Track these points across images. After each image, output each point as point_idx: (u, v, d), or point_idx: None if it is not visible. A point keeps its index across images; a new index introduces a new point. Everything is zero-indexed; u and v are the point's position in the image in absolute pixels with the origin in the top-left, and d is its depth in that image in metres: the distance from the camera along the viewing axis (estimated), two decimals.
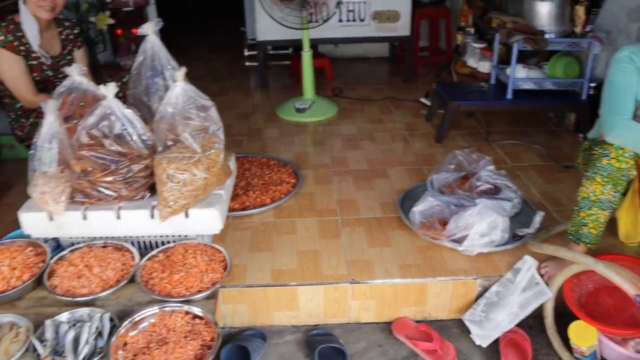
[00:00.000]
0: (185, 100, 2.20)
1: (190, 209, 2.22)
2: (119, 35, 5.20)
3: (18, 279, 2.11)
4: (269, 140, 3.77)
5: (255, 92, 4.86)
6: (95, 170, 2.19)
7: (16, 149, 3.50)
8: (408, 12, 4.61)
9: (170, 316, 1.94)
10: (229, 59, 5.90)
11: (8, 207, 3.03)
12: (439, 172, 2.92)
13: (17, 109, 3.05)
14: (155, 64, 2.39)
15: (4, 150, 3.55)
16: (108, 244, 2.27)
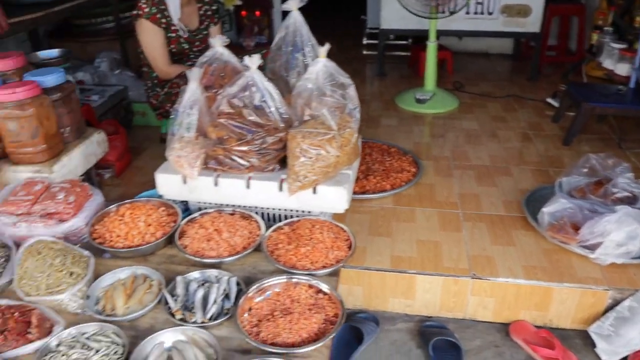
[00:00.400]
0: (325, 77, 2.21)
1: (319, 186, 2.23)
2: (244, 17, 5.34)
3: (152, 235, 2.20)
4: (387, 128, 3.73)
5: (373, 81, 4.84)
6: (231, 139, 2.24)
7: (147, 116, 3.68)
8: (540, 7, 4.40)
9: (295, 287, 1.95)
10: (347, 47, 5.90)
11: (138, 169, 3.20)
12: (569, 174, 2.77)
13: (154, 78, 3.20)
14: (297, 40, 2.41)
15: (136, 117, 3.74)
16: (236, 212, 2.32)
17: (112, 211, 2.33)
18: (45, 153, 2.48)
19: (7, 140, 2.45)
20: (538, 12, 4.41)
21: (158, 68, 3.07)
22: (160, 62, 3.05)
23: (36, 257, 2.03)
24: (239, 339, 1.79)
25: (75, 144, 2.66)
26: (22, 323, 1.84)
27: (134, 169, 3.19)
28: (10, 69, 2.61)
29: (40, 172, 2.48)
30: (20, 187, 2.34)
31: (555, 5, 4.64)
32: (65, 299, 1.92)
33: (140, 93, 3.67)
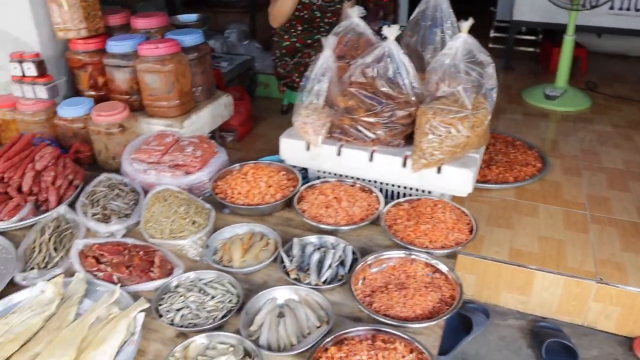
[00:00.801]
0: (464, 53, 2.12)
1: (444, 165, 2.15)
2: (370, 1, 5.31)
3: (272, 197, 2.22)
4: (512, 122, 3.58)
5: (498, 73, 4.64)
6: (360, 109, 2.22)
7: (270, 88, 3.75)
8: None
9: (412, 264, 1.90)
10: None
11: (258, 136, 3.27)
12: None
13: (282, 48, 3.24)
14: (437, 15, 2.34)
15: (259, 87, 3.82)
16: (356, 184, 2.30)
17: (236, 169, 2.38)
18: (178, 108, 2.58)
19: (145, 93, 2.57)
20: None
21: (273, 17, 3.11)
22: (283, 13, 3.08)
23: (162, 203, 2.11)
24: (351, 306, 1.76)
25: (205, 104, 2.75)
26: (146, 262, 1.92)
27: (255, 135, 3.26)
28: (153, 27, 2.74)
29: (172, 126, 2.58)
30: (153, 138, 2.45)
31: None
32: (187, 245, 1.98)
33: (265, 65, 3.75)
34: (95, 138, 2.50)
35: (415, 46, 2.41)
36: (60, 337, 1.63)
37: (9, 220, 2.14)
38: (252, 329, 1.67)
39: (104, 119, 2.45)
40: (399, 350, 1.55)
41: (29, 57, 2.55)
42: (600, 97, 4.03)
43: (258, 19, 4.24)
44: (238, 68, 3.52)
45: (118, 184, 2.31)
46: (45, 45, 2.71)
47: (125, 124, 2.49)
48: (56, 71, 2.75)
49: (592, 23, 4.14)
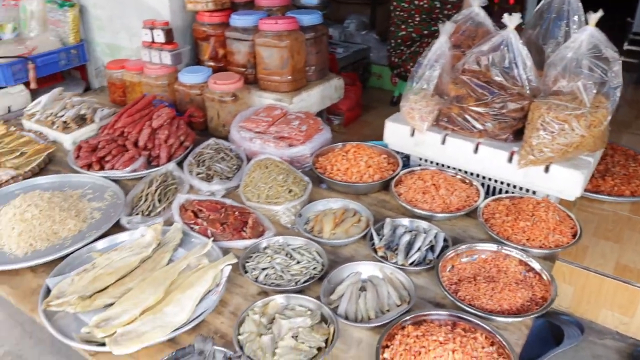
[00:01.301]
0: (588, 48, 2.00)
1: (553, 165, 2.04)
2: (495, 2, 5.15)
3: (370, 177, 2.22)
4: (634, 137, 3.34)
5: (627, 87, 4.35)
6: (470, 98, 2.16)
7: (383, 79, 3.74)
8: None
9: (504, 259, 1.82)
10: None
11: (365, 124, 3.28)
12: None
13: (398, 37, 3.23)
14: (563, 7, 2.22)
15: (372, 78, 3.83)
16: (457, 175, 2.23)
17: (338, 147, 2.40)
18: (290, 84, 2.65)
19: (260, 67, 2.66)
20: None
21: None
22: None
23: (263, 170, 2.17)
24: (435, 291, 1.72)
25: (316, 84, 2.80)
26: (240, 222, 1.98)
27: (361, 122, 3.27)
28: (275, 5, 2.83)
29: (281, 100, 2.64)
30: (262, 110, 2.53)
31: None
32: (280, 211, 2.02)
33: (380, 56, 3.75)
34: (209, 105, 2.62)
35: (536, 39, 2.30)
36: (153, 277, 1.73)
37: (123, 170, 2.29)
38: (332, 297, 1.67)
39: (219, 87, 2.56)
40: (479, 340, 1.49)
41: (160, 24, 2.71)
42: None
43: (378, 10, 4.25)
44: (353, 55, 3.55)
45: (224, 148, 2.41)
46: (175, 15, 2.87)
47: (238, 94, 2.58)
48: (182, 40, 2.91)
49: None
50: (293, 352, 1.46)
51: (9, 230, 1.94)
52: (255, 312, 1.59)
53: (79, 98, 2.78)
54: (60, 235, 1.95)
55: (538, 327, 2.10)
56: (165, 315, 1.59)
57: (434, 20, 3.17)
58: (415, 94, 2.30)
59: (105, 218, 2.06)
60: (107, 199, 2.18)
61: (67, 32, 3.19)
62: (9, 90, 2.96)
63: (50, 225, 1.96)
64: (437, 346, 1.43)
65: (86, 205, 2.13)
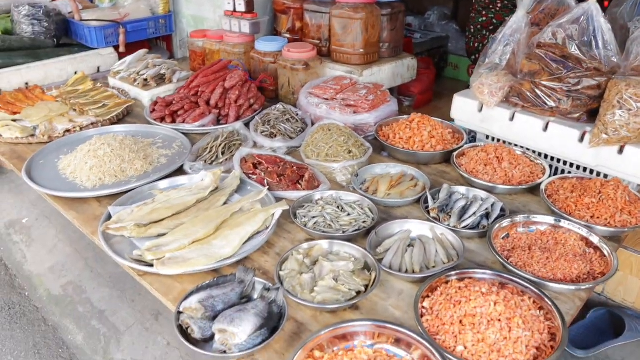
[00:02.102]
0: None
1: (629, 145, 1.93)
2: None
3: (432, 147, 2.19)
4: None
5: None
6: (544, 73, 2.08)
7: (459, 70, 3.68)
8: None
9: (565, 233, 1.73)
10: None
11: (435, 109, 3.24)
12: None
13: (478, 23, 3.17)
14: None
15: (448, 68, 3.77)
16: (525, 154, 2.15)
17: (402, 119, 2.38)
18: (362, 57, 2.66)
19: (334, 39, 2.69)
20: None
21: None
22: None
23: (325, 132, 2.18)
24: (485, 256, 1.67)
25: (389, 60, 2.79)
26: (297, 175, 2.00)
27: (432, 107, 3.23)
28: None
29: (352, 73, 2.66)
30: (332, 79, 2.55)
31: None
32: (337, 168, 2.03)
33: (458, 47, 3.70)
34: (281, 72, 2.67)
35: (620, 18, 2.20)
36: (206, 215, 1.78)
37: (192, 124, 2.38)
38: (379, 250, 1.66)
39: (292, 55, 2.60)
40: (525, 302, 1.42)
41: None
42: None
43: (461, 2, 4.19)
44: (430, 42, 3.52)
45: (291, 112, 2.44)
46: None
47: (310, 63, 2.62)
48: (262, 11, 3.00)
49: None
50: (331, 292, 1.46)
51: (82, 164, 2.06)
52: (299, 253, 1.60)
53: (161, 60, 2.91)
54: (127, 174, 2.05)
55: (598, 316, 1.99)
56: (212, 247, 1.64)
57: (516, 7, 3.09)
58: (486, 68, 2.25)
59: (171, 163, 2.15)
60: (175, 148, 2.27)
61: (157, 3, 3.36)
62: (100, 51, 3.14)
63: (120, 164, 2.07)
64: (478, 296, 1.38)
65: (155, 152, 2.22)
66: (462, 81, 3.59)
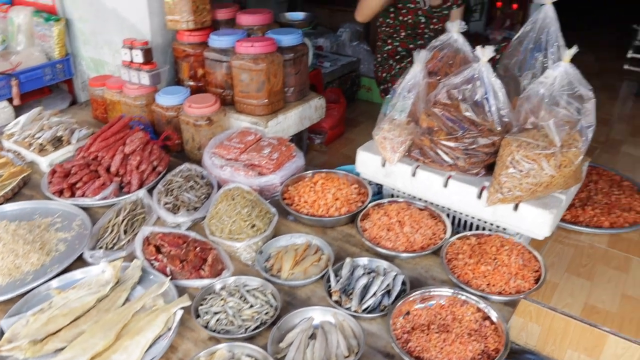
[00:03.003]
0: (562, 84, 1.94)
1: (522, 203, 2.00)
2: (498, 7, 5.05)
3: (336, 210, 2.19)
4: (626, 158, 3.24)
5: (626, 100, 4.24)
6: (441, 131, 2.11)
7: (372, 92, 3.69)
8: None
9: (462, 306, 1.79)
10: (603, 56, 5.29)
11: (348, 141, 3.24)
12: None
13: (385, 52, 3.18)
14: (541, 38, 2.16)
15: (361, 90, 3.78)
16: (426, 208, 2.21)
17: (308, 177, 2.37)
18: (266, 107, 2.62)
19: (237, 89, 2.64)
20: None
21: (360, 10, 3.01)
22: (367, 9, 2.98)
23: (229, 202, 2.15)
24: (386, 339, 1.70)
25: (295, 105, 2.77)
26: (199, 259, 1.97)
27: (344, 140, 3.23)
28: (256, 24, 2.79)
29: (257, 124, 2.62)
30: (236, 135, 2.51)
31: None
32: (241, 248, 2.01)
33: (371, 68, 3.71)
34: (184, 127, 2.60)
35: (513, 69, 2.25)
36: (106, 320, 1.73)
37: (93, 197, 2.30)
38: (281, 345, 1.66)
39: (194, 111, 2.54)
40: None
41: (139, 44, 2.70)
42: None
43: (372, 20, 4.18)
44: (341, 69, 3.50)
45: (195, 175, 2.40)
46: (156, 34, 2.86)
47: (213, 118, 2.56)
48: (162, 58, 2.90)
49: None
50: None
51: None
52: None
53: (57, 118, 2.78)
54: (23, 270, 1.96)
55: None
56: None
57: (419, 35, 3.12)
58: (388, 122, 2.26)
59: (70, 251, 2.06)
60: (75, 228, 2.19)
61: (52, 47, 3.19)
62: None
63: (13, 260, 1.97)
64: None
65: (52, 236, 2.13)
66: (375, 103, 3.61)
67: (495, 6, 5.04)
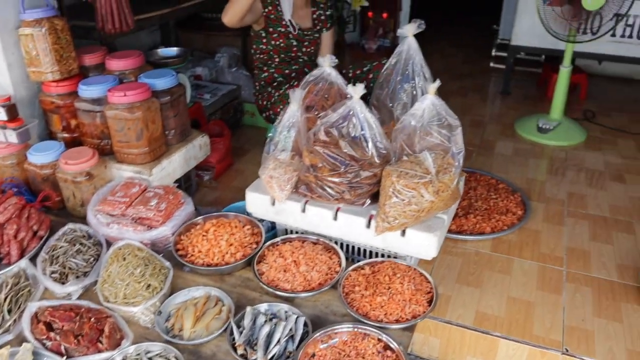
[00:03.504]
0: (431, 116, 2.06)
1: (408, 229, 2.10)
2: (370, 17, 5.23)
3: (232, 256, 2.19)
4: (500, 158, 3.48)
5: (495, 99, 4.54)
6: (324, 168, 2.17)
7: (256, 117, 3.70)
8: None
9: (363, 339, 1.85)
10: (471, 56, 5.61)
11: (238, 173, 3.22)
12: None
13: (262, 79, 3.20)
14: (408, 69, 2.27)
15: (245, 116, 3.78)
16: (319, 242, 2.26)
17: (199, 224, 2.35)
18: (147, 155, 2.55)
19: (114, 139, 2.55)
20: None
21: (227, 15, 2.88)
22: (232, 13, 2.85)
23: (121, 263, 2.09)
24: None
25: (178, 147, 2.72)
26: (96, 330, 1.90)
27: (234, 172, 3.21)
28: (127, 69, 2.70)
29: (141, 173, 2.55)
30: (120, 188, 2.43)
31: None
32: (138, 312, 1.95)
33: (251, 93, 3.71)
34: (63, 185, 2.49)
35: (385, 100, 2.35)
36: None
37: None
38: None
39: (71, 168, 2.43)
40: None
41: (0, 101, 2.53)
42: (597, 129, 3.90)
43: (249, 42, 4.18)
44: (222, 99, 3.48)
45: (81, 237, 2.29)
46: (18, 87, 2.69)
47: (93, 172, 2.47)
48: (29, 112, 2.74)
49: (592, 50, 3.99)
50: None
51: None
52: None
53: None
54: None
55: None
56: None
57: (293, 59, 3.16)
58: (273, 161, 2.28)
59: None
60: None
61: None
62: None
63: None
64: None
65: None
66: (260, 128, 3.62)
67: (368, 16, 5.21)
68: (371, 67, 2.99)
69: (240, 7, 2.79)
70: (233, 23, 2.86)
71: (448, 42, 6.08)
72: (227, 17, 2.86)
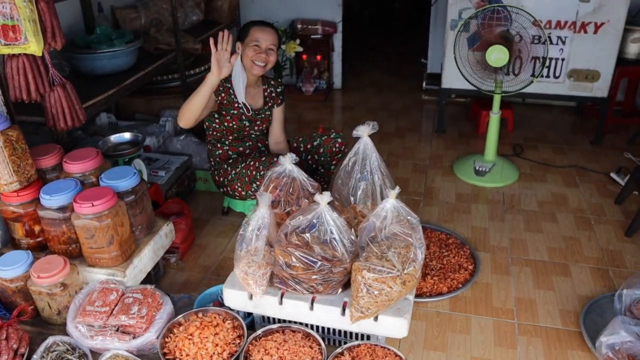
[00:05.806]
0: (393, 216, 2.26)
1: (380, 315, 2.29)
2: (304, 60, 5.39)
3: (219, 356, 2.30)
4: (445, 207, 3.72)
5: (432, 138, 4.80)
6: (298, 267, 2.32)
7: (209, 183, 3.78)
8: (610, 72, 4.29)
9: None
10: (404, 89, 5.87)
11: (201, 250, 3.31)
12: (631, 286, 2.73)
13: (217, 156, 3.30)
14: (366, 167, 2.46)
15: (198, 182, 3.85)
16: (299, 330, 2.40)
17: (182, 324, 2.44)
18: (119, 258, 2.62)
19: (84, 246, 2.60)
20: (607, 77, 4.30)
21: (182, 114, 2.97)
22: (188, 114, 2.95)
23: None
24: None
25: (146, 241, 2.79)
26: None
27: (197, 248, 3.29)
28: (88, 170, 2.74)
29: (114, 275, 2.61)
30: (97, 295, 2.48)
31: (626, 67, 4.44)
32: None
33: (202, 158, 3.80)
34: (37, 297, 2.51)
35: (347, 197, 2.53)
36: None
37: None
38: None
39: (45, 281, 2.46)
40: None
41: None
42: (527, 165, 4.23)
43: None
44: (176, 173, 3.54)
45: (65, 351, 2.34)
46: None
47: (67, 282, 2.50)
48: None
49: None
50: None
51: None
52: None
53: None
54: None
55: None
56: None
57: (246, 137, 3.29)
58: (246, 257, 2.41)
59: None
60: None
61: None
62: None
63: None
64: None
65: None
66: (214, 193, 3.70)
67: (302, 59, 5.36)
68: (321, 141, 3.16)
69: (196, 110, 2.89)
70: (190, 125, 2.95)
71: (381, 72, 6.36)
72: (183, 122, 2.95)
